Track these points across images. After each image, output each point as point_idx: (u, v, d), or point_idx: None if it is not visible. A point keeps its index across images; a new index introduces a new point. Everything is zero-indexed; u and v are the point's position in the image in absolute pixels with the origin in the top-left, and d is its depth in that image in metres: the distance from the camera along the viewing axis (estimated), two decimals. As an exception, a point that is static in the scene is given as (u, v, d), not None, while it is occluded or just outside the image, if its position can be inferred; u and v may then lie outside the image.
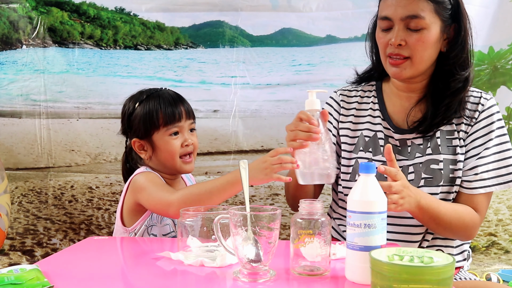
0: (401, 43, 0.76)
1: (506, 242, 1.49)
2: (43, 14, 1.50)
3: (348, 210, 0.56)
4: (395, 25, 0.77)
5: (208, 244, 0.65)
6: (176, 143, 0.83)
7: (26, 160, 1.53)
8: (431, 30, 0.76)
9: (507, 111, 1.46)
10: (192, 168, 0.88)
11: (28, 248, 1.55)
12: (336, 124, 0.89)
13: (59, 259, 0.68)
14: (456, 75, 0.79)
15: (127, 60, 1.53)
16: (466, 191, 0.80)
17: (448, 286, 0.47)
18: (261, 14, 1.47)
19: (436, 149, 0.80)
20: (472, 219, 0.78)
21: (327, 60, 1.46)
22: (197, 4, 1.49)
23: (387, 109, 0.85)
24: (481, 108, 0.81)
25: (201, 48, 1.53)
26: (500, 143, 0.81)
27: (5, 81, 1.52)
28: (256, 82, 1.49)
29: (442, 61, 0.80)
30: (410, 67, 0.78)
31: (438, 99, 0.80)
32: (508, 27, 1.41)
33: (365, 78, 0.90)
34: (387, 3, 0.78)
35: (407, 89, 0.83)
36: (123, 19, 1.53)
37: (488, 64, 1.44)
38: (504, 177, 0.79)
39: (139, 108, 0.85)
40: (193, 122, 0.87)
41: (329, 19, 1.46)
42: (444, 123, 0.81)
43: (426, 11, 0.76)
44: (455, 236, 0.82)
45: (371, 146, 0.83)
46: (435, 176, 0.80)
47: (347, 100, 0.89)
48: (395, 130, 0.83)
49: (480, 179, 0.79)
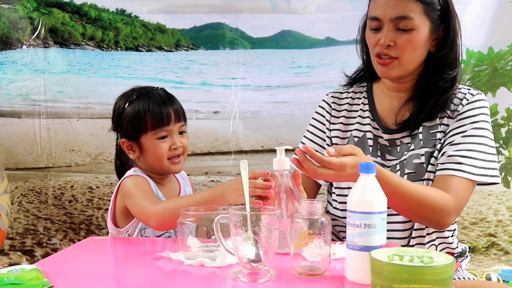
0: (390, 43, 0.77)
1: (505, 243, 1.49)
2: (44, 15, 1.51)
3: (348, 210, 0.56)
4: (385, 25, 0.77)
5: (208, 244, 0.65)
6: (164, 147, 0.82)
7: (26, 160, 1.54)
8: (420, 31, 0.76)
9: (507, 112, 1.46)
10: (181, 168, 0.87)
11: (28, 248, 1.55)
12: (329, 125, 0.89)
13: (59, 259, 0.68)
14: (443, 75, 0.79)
15: (128, 62, 1.54)
16: (439, 172, 0.77)
17: (448, 286, 0.47)
18: (261, 16, 1.48)
19: (418, 144, 0.80)
20: (442, 202, 0.73)
21: (326, 63, 1.47)
22: (197, 6, 1.50)
23: (376, 110, 0.85)
24: (465, 102, 0.80)
25: (202, 50, 1.55)
26: (481, 135, 0.78)
27: (5, 81, 1.53)
28: (256, 84, 1.51)
29: (430, 61, 0.80)
30: (398, 67, 0.78)
31: (425, 98, 0.80)
32: (508, 28, 1.41)
33: (357, 79, 0.90)
34: (376, 3, 0.79)
35: (397, 88, 0.84)
36: (124, 20, 1.54)
37: (488, 65, 1.44)
38: (481, 169, 0.76)
39: (129, 108, 0.84)
40: (184, 124, 0.86)
41: (328, 21, 1.47)
42: (428, 119, 0.80)
43: (415, 12, 0.76)
44: (424, 221, 0.77)
45: (360, 147, 0.82)
46: (417, 170, 0.79)
47: (338, 102, 0.90)
48: (383, 130, 0.83)
49: (455, 161, 0.76)
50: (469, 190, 0.77)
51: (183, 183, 0.94)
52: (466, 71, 1.44)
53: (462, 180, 0.76)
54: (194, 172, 1.51)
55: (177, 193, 0.90)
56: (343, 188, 0.85)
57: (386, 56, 0.78)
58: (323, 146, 0.90)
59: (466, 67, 1.43)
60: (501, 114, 1.46)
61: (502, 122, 1.46)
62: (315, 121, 0.92)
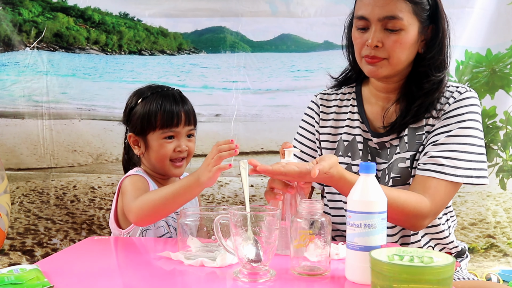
0: (378, 44, 0.74)
1: (504, 244, 1.49)
2: (49, 20, 1.53)
3: (348, 210, 0.56)
4: (372, 25, 0.75)
5: (208, 244, 0.65)
6: (169, 147, 0.82)
7: (29, 160, 1.54)
8: (409, 31, 0.74)
9: (505, 115, 1.47)
10: (182, 172, 0.86)
11: (28, 248, 1.55)
12: (318, 127, 0.87)
13: (60, 259, 0.68)
14: (431, 77, 0.77)
15: (132, 66, 1.56)
16: (420, 172, 0.75)
17: (448, 286, 0.47)
18: (261, 20, 1.50)
19: (404, 147, 0.78)
20: (416, 207, 0.71)
21: (324, 67, 1.49)
22: (198, 9, 1.52)
23: (366, 113, 0.83)
24: (452, 100, 0.77)
25: (203, 53, 1.57)
26: (468, 135, 0.75)
27: (8, 82, 1.54)
28: (256, 88, 1.53)
29: (418, 62, 0.78)
30: (387, 67, 0.76)
31: (412, 99, 0.78)
32: (506, 30, 1.43)
33: (344, 81, 0.87)
34: (363, 2, 0.76)
35: (385, 89, 0.82)
36: (127, 24, 1.56)
37: (486, 67, 1.45)
38: (465, 170, 0.74)
39: (141, 104, 0.84)
40: (193, 128, 0.86)
41: (326, 25, 1.49)
42: (414, 121, 0.78)
43: (404, 12, 0.73)
44: (398, 223, 0.76)
45: (350, 151, 0.82)
46: (402, 174, 0.77)
47: (326, 104, 0.88)
48: (372, 134, 0.82)
49: (436, 163, 0.73)
50: (449, 192, 0.75)
51: None
52: (465, 72, 1.44)
53: (442, 182, 0.74)
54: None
55: None
56: (334, 193, 0.84)
57: (374, 58, 0.76)
58: (313, 148, 0.88)
59: (464, 68, 1.44)
60: (499, 117, 1.47)
61: (501, 125, 1.47)
62: (305, 123, 0.90)
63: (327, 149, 0.86)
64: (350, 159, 0.83)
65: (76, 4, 1.54)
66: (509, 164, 1.48)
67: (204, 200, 1.54)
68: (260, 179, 1.51)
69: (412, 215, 0.72)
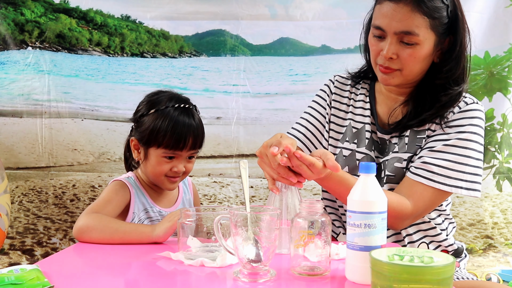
0: (392, 56, 0.75)
1: (502, 245, 1.50)
2: (52, 21, 1.54)
3: (348, 210, 0.56)
4: (388, 37, 0.75)
5: (208, 244, 0.65)
6: (166, 167, 0.82)
7: (27, 159, 1.54)
8: (424, 45, 0.75)
9: (503, 117, 1.48)
10: (175, 187, 0.87)
11: (28, 248, 1.54)
12: (328, 109, 0.87)
13: (60, 259, 0.68)
14: (448, 90, 0.77)
15: (134, 68, 1.57)
16: (410, 175, 0.76)
17: (448, 286, 0.47)
18: (260, 23, 1.52)
19: (403, 148, 0.79)
20: (396, 209, 0.71)
21: (321, 71, 1.51)
22: (199, 12, 1.54)
23: (376, 107, 0.85)
24: (457, 110, 0.78)
25: (204, 56, 1.58)
26: (465, 147, 0.75)
27: (6, 81, 1.54)
28: (256, 91, 1.55)
29: (434, 73, 0.78)
30: (399, 77, 0.77)
31: (423, 105, 0.78)
32: (504, 33, 1.45)
33: (361, 76, 0.88)
34: (382, 11, 0.76)
35: (396, 91, 0.84)
36: (129, 26, 1.57)
37: (484, 69, 1.47)
38: (456, 181, 0.74)
39: (152, 115, 0.82)
40: (197, 151, 0.84)
41: (324, 29, 1.51)
42: (418, 125, 0.79)
43: (421, 28, 0.73)
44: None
45: (357, 138, 0.82)
46: (397, 174, 0.78)
47: (341, 87, 0.88)
48: (378, 128, 0.83)
49: (428, 169, 0.74)
50: (435, 199, 0.76)
51: (183, 190, 0.93)
52: (463, 74, 1.47)
53: (429, 189, 0.74)
54: (198, 173, 1.54)
55: (174, 201, 0.90)
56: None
57: (388, 68, 0.77)
58: (317, 126, 0.87)
59: (463, 70, 1.47)
60: (497, 119, 1.48)
61: (498, 127, 1.48)
62: (315, 103, 0.89)
63: (334, 131, 0.86)
64: (355, 146, 0.83)
65: (78, 6, 1.55)
66: (504, 166, 1.49)
67: (206, 200, 1.55)
68: (259, 180, 1.52)
69: (392, 216, 0.71)
